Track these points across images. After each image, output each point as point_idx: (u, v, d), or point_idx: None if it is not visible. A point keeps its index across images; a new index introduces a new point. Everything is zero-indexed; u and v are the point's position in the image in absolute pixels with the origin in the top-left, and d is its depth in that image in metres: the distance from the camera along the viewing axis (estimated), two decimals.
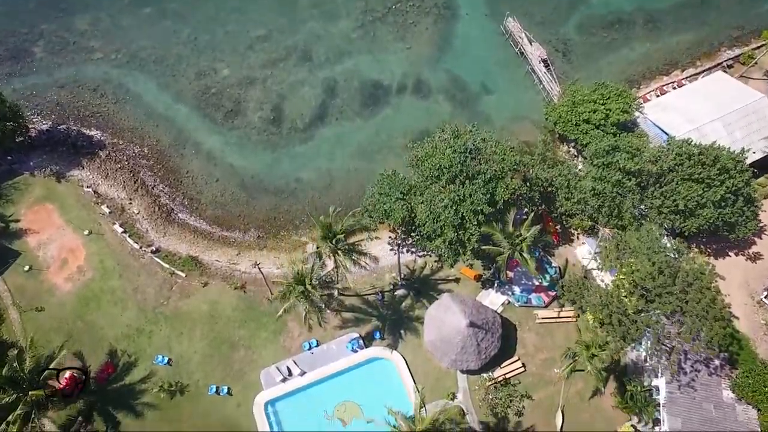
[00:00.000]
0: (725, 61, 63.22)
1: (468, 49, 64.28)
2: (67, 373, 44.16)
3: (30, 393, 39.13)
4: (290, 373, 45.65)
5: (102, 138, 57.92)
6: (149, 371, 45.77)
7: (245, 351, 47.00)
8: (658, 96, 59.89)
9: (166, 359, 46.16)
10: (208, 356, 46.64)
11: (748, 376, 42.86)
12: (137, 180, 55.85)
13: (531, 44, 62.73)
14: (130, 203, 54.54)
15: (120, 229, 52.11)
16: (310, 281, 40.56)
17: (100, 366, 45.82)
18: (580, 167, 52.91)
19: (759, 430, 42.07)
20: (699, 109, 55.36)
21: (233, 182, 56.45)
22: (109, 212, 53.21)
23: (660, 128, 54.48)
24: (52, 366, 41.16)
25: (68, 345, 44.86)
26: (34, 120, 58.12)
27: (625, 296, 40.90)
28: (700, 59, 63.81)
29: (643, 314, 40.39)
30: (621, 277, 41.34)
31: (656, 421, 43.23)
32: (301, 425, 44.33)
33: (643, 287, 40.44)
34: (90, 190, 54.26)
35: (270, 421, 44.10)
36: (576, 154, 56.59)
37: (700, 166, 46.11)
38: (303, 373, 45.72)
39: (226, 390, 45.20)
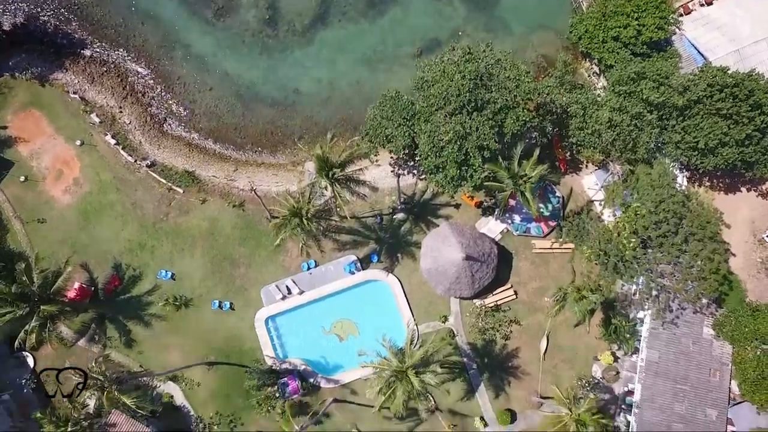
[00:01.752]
0: None
1: None
2: (76, 284, 46.13)
3: (42, 308, 41.09)
4: (289, 292, 47.42)
5: (83, 36, 53.14)
6: (154, 285, 47.58)
7: (245, 268, 48.29)
8: (702, 5, 52.94)
9: (170, 274, 47.68)
10: (209, 272, 48.08)
11: (731, 315, 44.20)
12: (126, 86, 52.47)
13: None
14: (121, 112, 51.93)
15: (112, 141, 50.36)
16: (306, 214, 40.06)
17: (106, 278, 47.62)
18: (599, 92, 48.92)
19: (730, 363, 44.61)
20: (744, 25, 49.24)
21: (228, 91, 52.95)
22: (100, 122, 50.90)
23: (696, 48, 49.14)
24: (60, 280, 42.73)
25: (73, 259, 46.18)
26: (5, 11, 52.84)
27: (625, 239, 40.41)
28: None
29: (638, 259, 40.32)
30: (624, 222, 40.43)
31: (636, 350, 45.64)
32: (300, 339, 47.30)
33: (645, 235, 39.81)
34: (77, 96, 51.25)
35: (271, 335, 46.94)
36: (598, 73, 51.94)
37: (731, 100, 42.39)
38: (302, 292, 47.51)
39: (228, 305, 47.36)
